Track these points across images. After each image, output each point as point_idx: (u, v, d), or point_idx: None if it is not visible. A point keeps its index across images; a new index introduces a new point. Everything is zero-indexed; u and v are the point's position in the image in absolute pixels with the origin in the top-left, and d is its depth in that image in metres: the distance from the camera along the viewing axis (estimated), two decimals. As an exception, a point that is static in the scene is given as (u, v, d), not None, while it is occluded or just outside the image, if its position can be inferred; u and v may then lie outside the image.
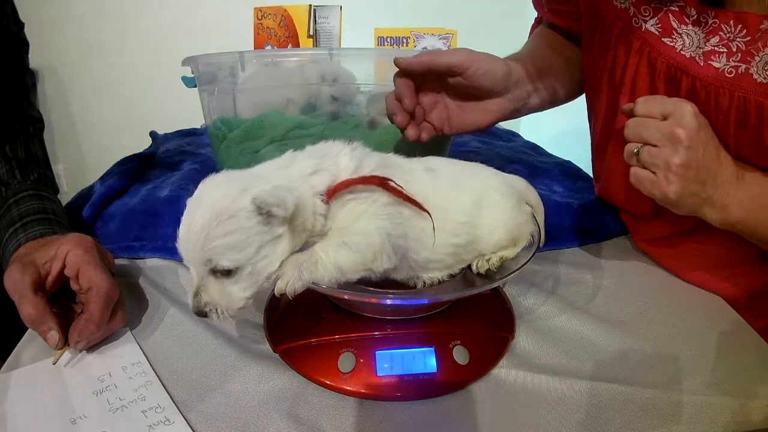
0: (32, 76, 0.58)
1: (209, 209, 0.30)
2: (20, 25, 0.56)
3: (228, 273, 0.31)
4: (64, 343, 0.39)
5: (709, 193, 0.42)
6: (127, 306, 0.46)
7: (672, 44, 0.45)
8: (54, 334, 0.38)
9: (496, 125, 1.01)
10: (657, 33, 0.46)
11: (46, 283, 0.41)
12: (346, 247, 0.33)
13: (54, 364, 0.39)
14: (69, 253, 0.41)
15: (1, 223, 0.48)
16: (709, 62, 0.43)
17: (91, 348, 0.41)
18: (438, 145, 0.71)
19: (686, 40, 0.45)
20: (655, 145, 0.41)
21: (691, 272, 0.53)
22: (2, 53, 0.53)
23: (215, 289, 0.31)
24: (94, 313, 0.39)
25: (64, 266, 0.41)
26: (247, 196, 0.30)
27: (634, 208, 0.58)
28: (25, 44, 0.57)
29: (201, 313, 0.32)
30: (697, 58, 0.44)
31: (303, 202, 0.32)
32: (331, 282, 0.33)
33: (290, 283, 0.32)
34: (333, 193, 0.33)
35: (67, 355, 0.40)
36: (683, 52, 0.45)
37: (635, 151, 0.42)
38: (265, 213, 0.30)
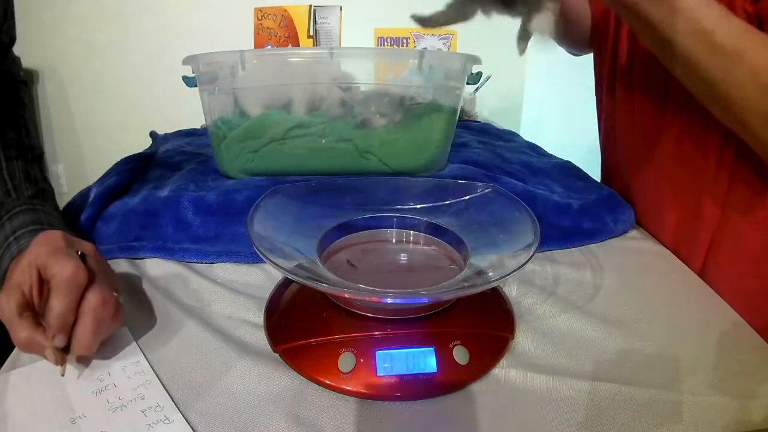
0: (29, 111, 0.61)
1: None
2: (20, 68, 0.61)
3: None
4: (62, 355, 0.37)
5: None
6: (127, 306, 0.46)
7: None
8: (50, 352, 0.36)
9: (496, 126, 1.02)
10: None
11: (33, 296, 0.39)
12: None
13: (63, 375, 0.37)
14: (36, 258, 0.39)
15: None
16: None
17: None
18: (439, 154, 0.71)
19: None
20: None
21: None
22: (4, 92, 0.56)
23: None
24: (52, 301, 0.36)
25: (38, 273, 0.39)
26: None
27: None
28: (24, 83, 0.61)
29: None
30: None
31: None
32: None
33: None
34: None
35: (71, 366, 0.38)
36: None
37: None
38: None
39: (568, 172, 0.77)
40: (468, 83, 0.71)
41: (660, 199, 0.61)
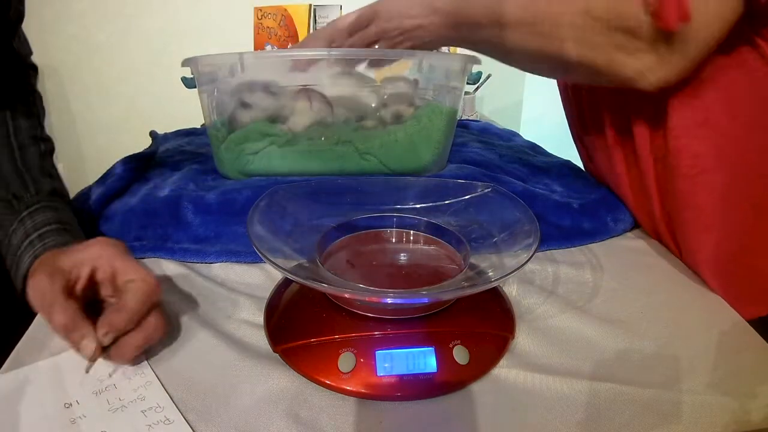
0: (41, 100, 0.58)
1: None
2: (29, 51, 0.58)
3: None
4: (100, 353, 0.36)
5: None
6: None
7: None
8: (87, 343, 0.35)
9: (496, 125, 1.02)
10: None
11: (76, 288, 0.38)
12: None
13: (87, 372, 0.37)
14: (100, 255, 0.38)
15: (15, 236, 0.45)
16: None
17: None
18: (439, 154, 0.71)
19: None
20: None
21: None
22: (12, 75, 0.54)
23: None
24: (128, 303, 0.36)
25: (92, 271, 0.38)
26: None
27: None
28: (33, 68, 0.58)
29: None
30: None
31: None
32: None
33: None
34: None
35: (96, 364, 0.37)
36: None
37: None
38: None
39: (568, 171, 0.77)
40: (468, 83, 0.71)
41: (618, 183, 0.63)
